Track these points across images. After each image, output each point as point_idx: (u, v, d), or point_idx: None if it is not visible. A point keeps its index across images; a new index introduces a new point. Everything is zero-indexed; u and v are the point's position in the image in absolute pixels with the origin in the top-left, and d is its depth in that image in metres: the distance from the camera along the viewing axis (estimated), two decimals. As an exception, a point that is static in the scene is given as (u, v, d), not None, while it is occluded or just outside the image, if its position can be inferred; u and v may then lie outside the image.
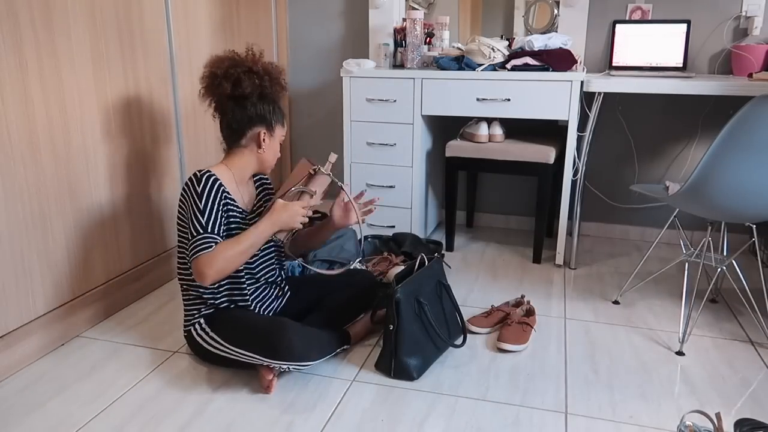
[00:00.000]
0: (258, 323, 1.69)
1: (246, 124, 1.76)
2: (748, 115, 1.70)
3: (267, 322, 1.69)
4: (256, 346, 1.64)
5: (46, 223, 1.84)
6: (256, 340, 1.64)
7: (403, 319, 1.73)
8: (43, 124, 1.79)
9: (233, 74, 1.72)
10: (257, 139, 1.77)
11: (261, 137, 1.77)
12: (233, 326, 1.71)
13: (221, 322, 1.73)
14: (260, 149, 1.79)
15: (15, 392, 1.67)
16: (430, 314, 1.80)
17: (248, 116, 1.75)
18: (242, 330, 1.69)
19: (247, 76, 1.72)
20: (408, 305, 1.75)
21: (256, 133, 1.77)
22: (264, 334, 1.64)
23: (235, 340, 1.68)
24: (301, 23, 3.23)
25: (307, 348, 1.66)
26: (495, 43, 2.54)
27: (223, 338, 1.70)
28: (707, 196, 1.83)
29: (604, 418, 1.57)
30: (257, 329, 1.67)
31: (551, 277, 2.51)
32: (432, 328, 1.80)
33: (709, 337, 2.00)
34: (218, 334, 1.71)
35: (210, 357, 1.77)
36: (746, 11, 2.62)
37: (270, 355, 1.62)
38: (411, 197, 2.74)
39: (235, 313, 1.76)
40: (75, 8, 1.87)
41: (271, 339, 1.62)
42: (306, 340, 1.66)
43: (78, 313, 1.99)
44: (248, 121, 1.76)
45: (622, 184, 2.97)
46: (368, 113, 2.70)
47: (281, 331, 1.63)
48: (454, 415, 1.58)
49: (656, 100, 2.82)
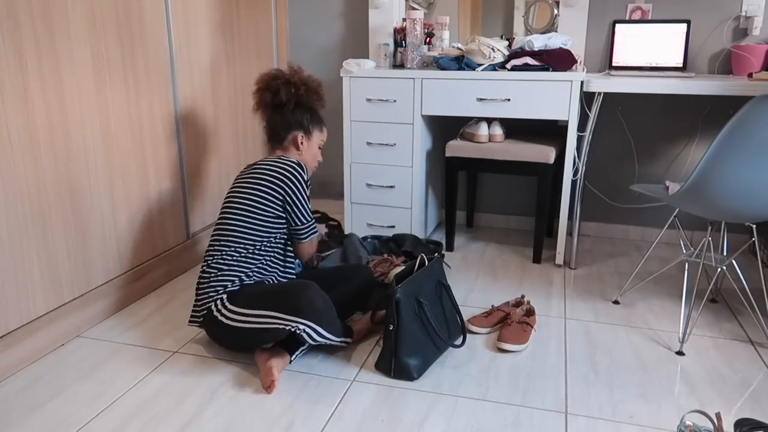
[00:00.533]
0: (280, 285, 1.82)
1: (286, 128, 2.01)
2: (748, 115, 1.70)
3: (289, 283, 1.82)
4: (278, 304, 1.71)
5: (46, 223, 1.84)
6: (280, 299, 1.72)
7: (403, 319, 1.73)
8: (43, 124, 1.79)
9: (274, 86, 2.00)
10: (295, 141, 2.01)
11: (299, 140, 2.01)
12: (253, 293, 1.78)
13: (241, 295, 1.78)
14: (299, 151, 2.02)
15: (15, 392, 1.67)
16: (430, 314, 1.80)
17: (287, 121, 2.01)
18: (264, 293, 1.77)
19: (285, 87, 1.99)
20: (408, 305, 1.75)
21: (294, 136, 2.01)
22: (287, 291, 1.74)
23: (256, 303, 1.73)
24: (301, 23, 3.23)
25: (327, 309, 1.74)
26: (495, 43, 2.54)
27: (243, 305, 1.74)
28: (707, 196, 1.83)
29: (604, 418, 1.57)
30: (280, 289, 1.77)
31: (551, 277, 2.51)
32: (432, 328, 1.80)
33: (709, 337, 2.01)
34: (239, 305, 1.75)
35: (227, 334, 1.77)
36: (746, 11, 2.62)
37: (293, 312, 1.68)
38: (411, 197, 2.74)
39: (255, 286, 1.83)
40: (75, 8, 1.87)
41: (295, 295, 1.71)
42: (327, 302, 1.75)
43: (78, 313, 1.99)
44: (287, 125, 2.01)
45: (622, 184, 2.97)
46: (368, 113, 2.70)
47: (305, 288, 1.73)
48: (454, 415, 1.58)
49: (656, 100, 2.82)
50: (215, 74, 2.65)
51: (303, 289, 1.73)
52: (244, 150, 2.93)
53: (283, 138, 2.02)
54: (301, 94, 2.01)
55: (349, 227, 2.86)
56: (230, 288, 1.81)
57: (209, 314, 1.80)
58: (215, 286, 1.81)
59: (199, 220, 2.63)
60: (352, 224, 2.86)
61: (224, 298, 1.79)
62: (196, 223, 2.61)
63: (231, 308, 1.76)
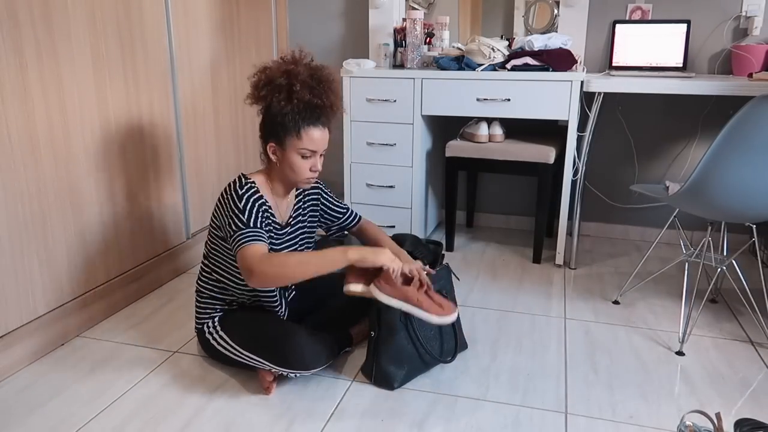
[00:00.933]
0: (270, 329, 1.68)
1: (261, 137, 1.71)
2: (748, 115, 1.70)
3: (279, 328, 1.68)
4: (266, 352, 1.64)
5: (46, 223, 1.84)
6: (267, 347, 1.64)
7: (386, 326, 1.68)
8: (43, 125, 1.79)
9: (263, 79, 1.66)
10: (270, 153, 1.69)
11: (269, 151, 1.69)
12: (245, 329, 1.72)
13: (233, 324, 1.74)
14: (276, 164, 1.69)
15: (15, 392, 1.67)
16: (418, 326, 1.70)
17: (261, 127, 1.70)
18: (253, 335, 1.69)
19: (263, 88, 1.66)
20: (392, 314, 1.67)
21: (267, 148, 1.69)
22: (275, 341, 1.64)
23: (245, 344, 1.68)
24: (301, 23, 3.23)
25: (316, 356, 1.66)
26: (495, 43, 2.54)
27: (234, 341, 1.70)
28: (707, 196, 1.83)
29: (604, 418, 1.57)
30: (268, 336, 1.66)
31: (551, 277, 2.51)
32: (418, 341, 1.71)
33: (709, 337, 2.00)
34: (229, 336, 1.72)
35: (218, 356, 1.77)
36: (746, 11, 2.62)
37: (280, 363, 1.63)
38: (411, 197, 2.74)
39: (248, 314, 1.75)
40: (75, 8, 1.87)
41: (282, 347, 1.62)
42: (316, 348, 1.66)
43: (78, 313, 1.99)
44: (262, 132, 1.70)
45: (622, 184, 2.97)
46: (368, 113, 2.70)
47: (293, 339, 1.63)
48: (454, 415, 1.58)
49: (656, 100, 2.82)
50: (215, 74, 2.65)
51: (291, 342, 1.62)
52: (244, 149, 2.93)
53: (263, 149, 1.71)
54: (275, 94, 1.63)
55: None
56: (221, 309, 1.77)
57: (201, 334, 1.79)
58: (204, 308, 1.79)
59: (199, 220, 2.62)
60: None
61: (215, 320, 1.76)
62: (196, 223, 2.60)
63: (222, 335, 1.73)
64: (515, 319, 2.13)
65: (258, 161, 3.07)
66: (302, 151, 1.65)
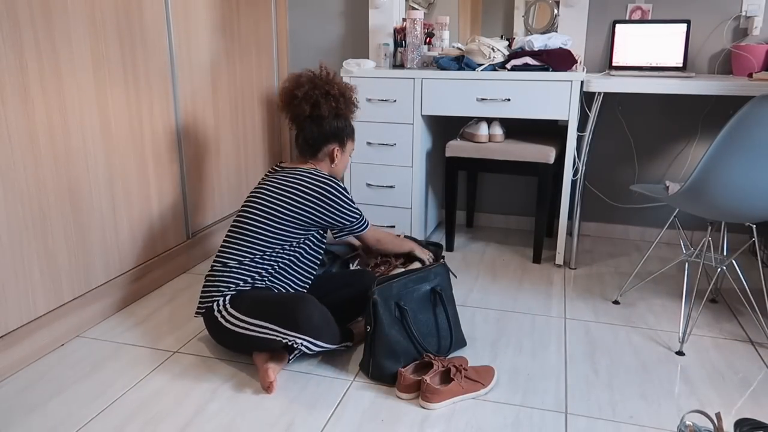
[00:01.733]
0: (279, 296, 1.76)
1: (322, 141, 1.95)
2: (748, 115, 1.70)
3: (288, 295, 1.77)
4: (276, 317, 1.68)
5: (46, 223, 1.84)
6: (278, 312, 1.69)
7: (381, 322, 1.70)
8: (43, 125, 1.79)
9: (312, 96, 1.91)
10: (331, 154, 1.97)
11: (334, 153, 1.97)
12: (254, 301, 1.76)
13: (243, 300, 1.77)
14: (333, 163, 1.99)
15: (15, 392, 1.67)
16: (412, 321, 1.75)
17: (324, 135, 1.95)
18: (264, 305, 1.74)
19: (325, 99, 1.92)
20: (386, 309, 1.71)
21: (330, 149, 1.97)
22: (286, 305, 1.70)
23: (254, 313, 1.72)
24: (301, 23, 3.23)
25: (326, 323, 1.72)
26: (495, 43, 2.54)
27: (243, 312, 1.73)
28: (707, 196, 1.83)
29: (604, 418, 1.57)
30: (279, 301, 1.73)
31: (551, 277, 2.51)
32: (414, 336, 1.74)
33: (709, 337, 2.01)
34: (237, 310, 1.74)
35: (225, 337, 1.78)
36: (746, 11, 2.62)
37: (291, 327, 1.67)
38: (411, 197, 2.74)
39: (258, 291, 1.81)
40: (75, 8, 1.87)
41: (293, 310, 1.68)
42: (324, 317, 1.72)
43: (78, 313, 1.99)
44: (324, 139, 1.95)
45: (622, 184, 2.97)
46: (368, 113, 2.70)
47: (303, 303, 1.70)
48: (454, 415, 1.58)
49: (656, 100, 2.82)
50: (215, 74, 2.65)
51: (301, 304, 1.69)
52: (243, 149, 2.93)
53: (317, 150, 1.96)
54: (340, 107, 1.95)
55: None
56: (234, 289, 1.79)
57: (210, 312, 1.80)
58: (220, 284, 1.80)
59: (199, 220, 2.63)
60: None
61: (227, 299, 1.78)
62: (196, 223, 2.61)
63: (231, 311, 1.76)
64: (515, 319, 2.13)
65: (261, 159, 3.07)
66: (352, 151, 2.08)
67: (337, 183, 1.89)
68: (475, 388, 1.66)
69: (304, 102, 1.91)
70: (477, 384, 1.67)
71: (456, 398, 1.63)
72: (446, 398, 1.62)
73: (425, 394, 1.61)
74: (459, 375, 1.65)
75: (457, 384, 1.64)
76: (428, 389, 1.60)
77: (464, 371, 1.67)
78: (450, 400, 1.62)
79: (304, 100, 1.91)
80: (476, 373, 1.70)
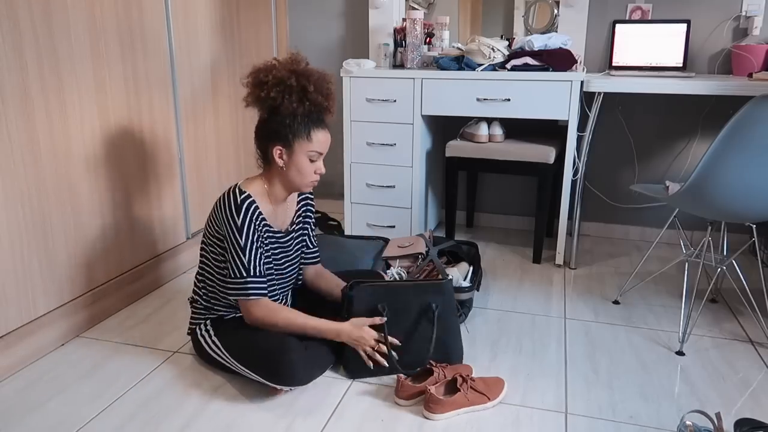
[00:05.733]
0: (262, 341, 1.63)
1: (261, 139, 1.68)
2: (748, 115, 1.70)
3: (271, 341, 1.62)
4: (257, 366, 1.61)
5: (46, 224, 1.84)
6: (259, 360, 1.61)
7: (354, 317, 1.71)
8: (42, 125, 1.79)
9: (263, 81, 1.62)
10: (276, 156, 1.66)
11: (276, 155, 1.65)
12: (237, 338, 1.68)
13: (227, 330, 1.71)
14: (281, 167, 1.67)
15: (15, 392, 1.67)
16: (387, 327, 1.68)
17: (264, 131, 1.67)
18: (245, 345, 1.65)
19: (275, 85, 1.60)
20: (362, 307, 1.72)
21: (272, 151, 1.65)
22: (267, 355, 1.59)
23: (237, 354, 1.66)
24: (301, 23, 3.23)
25: (309, 372, 1.63)
26: (495, 43, 2.54)
27: (225, 347, 1.69)
28: (707, 196, 1.83)
29: (604, 418, 1.57)
30: (261, 349, 1.61)
31: (551, 277, 2.51)
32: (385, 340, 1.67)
33: (709, 337, 2.00)
34: (222, 343, 1.70)
35: (210, 360, 1.76)
36: (746, 11, 2.62)
37: (271, 379, 1.59)
38: (411, 197, 2.74)
39: (242, 322, 1.71)
40: (75, 8, 1.87)
41: (275, 363, 1.58)
42: (309, 363, 1.63)
43: (78, 313, 1.99)
44: (263, 136, 1.67)
45: (622, 184, 2.97)
46: (368, 113, 2.70)
47: (286, 355, 1.58)
48: (454, 414, 1.58)
49: (656, 100, 2.82)
50: (215, 74, 2.65)
51: (283, 357, 1.57)
52: (243, 149, 2.93)
53: (263, 152, 1.69)
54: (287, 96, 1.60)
55: (349, 227, 2.86)
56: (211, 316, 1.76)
57: (194, 335, 1.79)
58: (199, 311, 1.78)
59: (199, 220, 2.62)
60: (352, 224, 2.86)
61: (207, 324, 1.75)
62: (196, 223, 2.60)
63: (215, 340, 1.70)
64: (515, 319, 2.13)
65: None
66: (311, 153, 1.65)
67: (236, 196, 1.61)
68: (482, 400, 1.59)
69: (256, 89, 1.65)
70: (483, 397, 1.60)
71: (461, 410, 1.57)
72: (450, 410, 1.56)
73: (428, 404, 1.56)
74: (465, 385, 1.59)
75: (462, 395, 1.57)
76: (432, 399, 1.56)
77: (471, 381, 1.61)
78: (454, 411, 1.57)
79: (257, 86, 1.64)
80: (485, 384, 1.63)
